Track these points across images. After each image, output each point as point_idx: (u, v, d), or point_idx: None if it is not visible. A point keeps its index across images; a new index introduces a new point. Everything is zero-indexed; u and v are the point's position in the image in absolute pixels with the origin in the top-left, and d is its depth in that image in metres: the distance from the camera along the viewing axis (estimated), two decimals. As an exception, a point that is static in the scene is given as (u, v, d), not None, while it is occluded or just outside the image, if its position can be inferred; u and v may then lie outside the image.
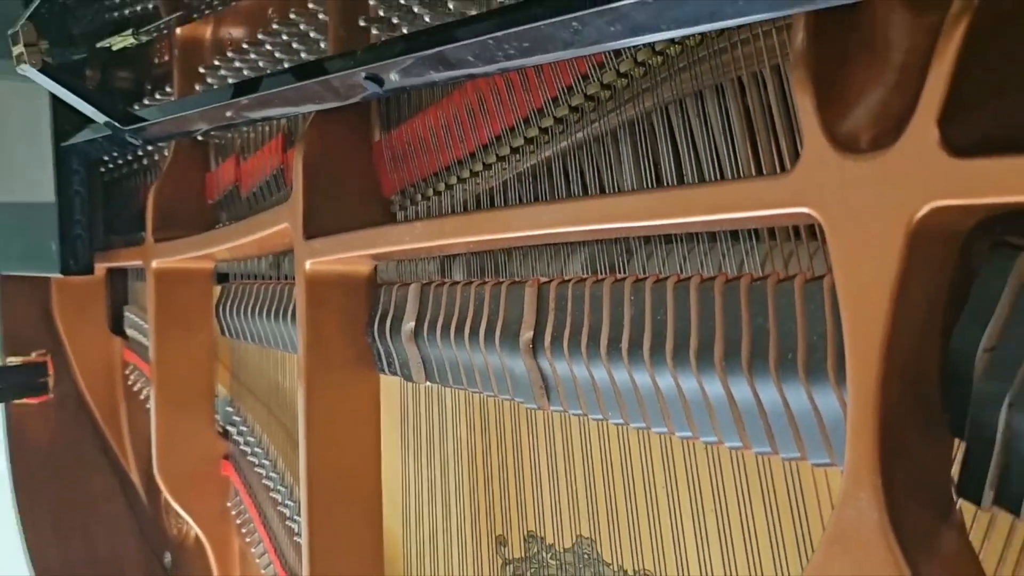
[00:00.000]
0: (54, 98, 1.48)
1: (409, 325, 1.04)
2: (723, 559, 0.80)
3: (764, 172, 0.69)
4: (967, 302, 0.56)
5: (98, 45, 1.38)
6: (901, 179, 0.55)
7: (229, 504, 1.58)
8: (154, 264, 1.49)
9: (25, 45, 1.26)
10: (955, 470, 0.58)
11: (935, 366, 0.58)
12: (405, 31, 1.00)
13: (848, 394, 0.59)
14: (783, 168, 0.66)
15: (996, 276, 0.55)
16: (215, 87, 1.37)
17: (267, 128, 1.34)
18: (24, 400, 1.92)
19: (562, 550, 0.98)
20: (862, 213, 0.57)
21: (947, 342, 0.57)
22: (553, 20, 0.67)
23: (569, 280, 0.85)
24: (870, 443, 0.57)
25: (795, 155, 0.63)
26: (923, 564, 0.57)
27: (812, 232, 0.65)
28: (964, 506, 0.59)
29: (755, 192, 0.63)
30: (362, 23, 1.05)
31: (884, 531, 0.56)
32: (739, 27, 0.69)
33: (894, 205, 0.55)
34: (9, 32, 1.28)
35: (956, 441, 0.59)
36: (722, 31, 0.72)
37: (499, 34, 0.72)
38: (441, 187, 1.04)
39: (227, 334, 1.49)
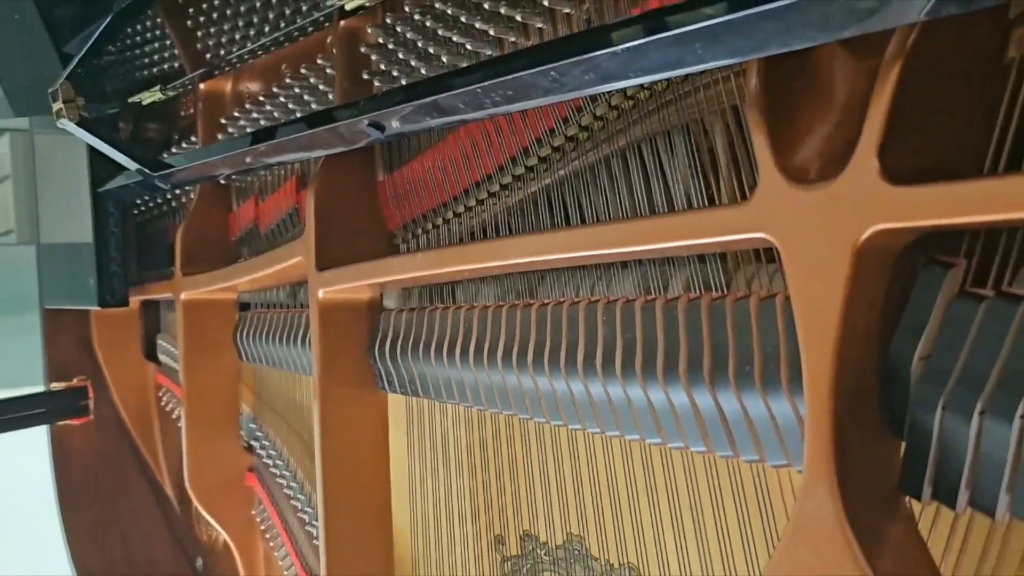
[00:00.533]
0: (91, 148, 1.48)
1: (408, 346, 1.04)
2: (698, 549, 0.79)
3: (727, 202, 0.70)
4: (903, 315, 0.56)
5: (130, 100, 1.39)
6: (846, 206, 0.55)
7: (254, 512, 1.57)
8: (183, 296, 1.49)
9: (64, 102, 1.26)
10: (903, 466, 0.58)
11: (877, 373, 0.57)
12: (404, 82, 1.01)
13: (803, 401, 0.59)
14: (743, 198, 0.66)
15: (928, 291, 0.55)
16: (235, 136, 1.37)
17: (282, 171, 1.34)
18: (67, 421, 1.91)
19: (554, 547, 0.97)
20: (813, 237, 0.57)
21: (886, 351, 0.57)
22: (534, 70, 0.67)
23: (548, 303, 0.85)
24: (825, 444, 0.56)
25: (753, 186, 0.63)
26: (875, 549, 0.56)
27: (770, 254, 0.66)
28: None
29: (718, 220, 0.63)
30: (365, 76, 1.06)
31: (840, 521, 0.56)
32: (700, 73, 0.70)
33: (841, 229, 0.55)
34: (49, 90, 1.28)
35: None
36: (685, 77, 0.72)
37: (487, 83, 0.73)
38: (439, 221, 1.04)
39: (244, 359, 1.48)
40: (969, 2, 0.44)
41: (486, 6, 0.89)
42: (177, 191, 1.62)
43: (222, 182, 1.49)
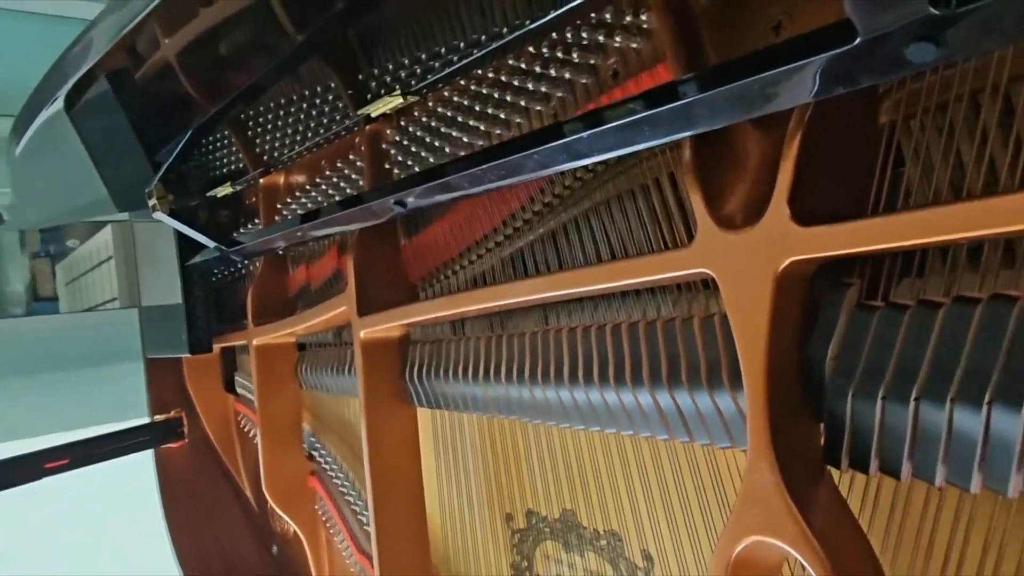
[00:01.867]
0: (178, 231, 1.47)
1: (431, 370, 1.03)
2: (666, 516, 0.78)
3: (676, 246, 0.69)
4: (816, 324, 0.56)
5: (208, 194, 1.38)
6: (766, 244, 0.54)
7: (316, 507, 1.53)
8: (255, 342, 1.46)
9: (158, 199, 1.26)
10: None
11: (799, 371, 0.57)
12: (417, 169, 1.00)
13: (742, 396, 0.58)
14: (689, 241, 0.66)
15: (835, 305, 0.55)
16: (289, 217, 1.36)
17: (326, 242, 1.33)
18: (168, 445, 1.87)
19: (553, 519, 0.95)
20: (742, 269, 0.56)
21: (805, 353, 0.56)
22: (522, 154, 0.67)
23: (538, 331, 0.84)
24: (764, 428, 0.55)
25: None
26: (809, 510, 0.55)
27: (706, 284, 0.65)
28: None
29: (669, 260, 0.63)
30: (387, 166, 1.06)
31: (780, 489, 0.55)
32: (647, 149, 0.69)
33: (763, 262, 0.54)
34: (145, 190, 1.27)
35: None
36: (624, 155, 0.72)
37: (484, 166, 0.72)
38: (449, 273, 1.03)
39: (304, 387, 1.46)
40: (848, 84, 0.44)
41: (476, 108, 0.89)
42: (246, 261, 1.60)
43: (280, 252, 1.48)
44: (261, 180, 1.42)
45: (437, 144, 0.96)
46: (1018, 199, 0.44)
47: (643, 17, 0.68)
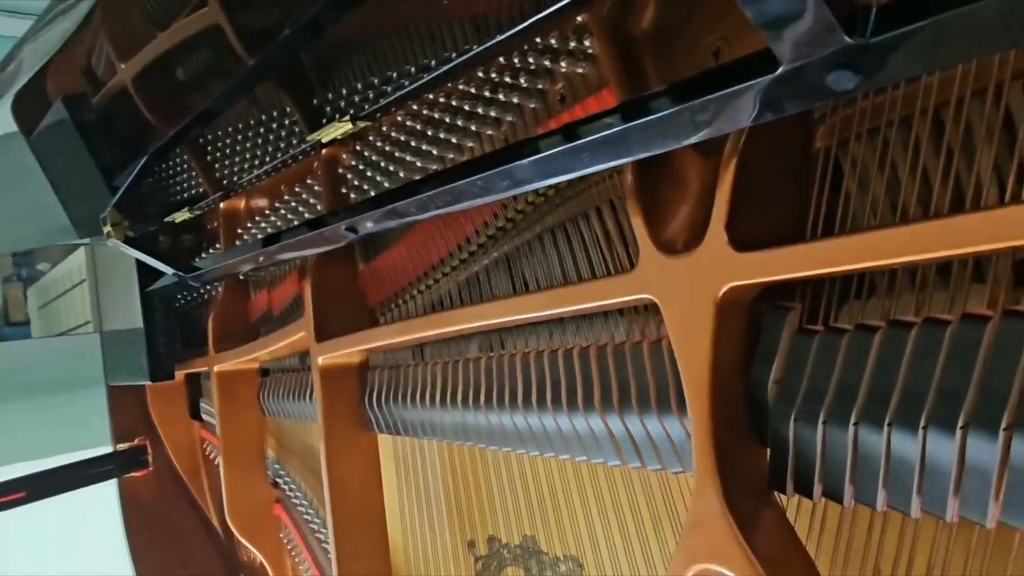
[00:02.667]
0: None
1: (390, 396, 1.01)
2: (623, 540, 0.77)
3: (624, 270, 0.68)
4: (758, 348, 0.55)
5: (165, 220, 1.35)
6: (706, 269, 0.54)
7: (281, 535, 1.50)
8: (216, 368, 1.44)
9: (112, 225, 1.23)
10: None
11: (743, 396, 0.56)
12: (372, 193, 0.99)
13: (689, 420, 0.57)
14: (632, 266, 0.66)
15: (775, 329, 0.54)
16: (249, 241, 1.34)
17: (287, 266, 1.31)
18: (131, 474, 1.83)
19: (514, 545, 0.94)
20: (683, 295, 0.56)
21: (749, 378, 0.56)
22: (465, 180, 0.66)
23: (493, 356, 0.83)
24: (708, 454, 0.55)
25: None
26: (754, 535, 0.54)
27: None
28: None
29: (613, 286, 0.62)
30: (343, 191, 1.05)
31: (725, 515, 0.54)
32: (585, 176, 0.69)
33: (704, 287, 0.54)
34: (100, 216, 1.25)
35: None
36: (584, 177, 0.71)
37: (431, 192, 0.72)
38: (408, 298, 1.02)
39: (266, 414, 1.43)
40: (775, 111, 0.44)
41: (429, 133, 0.88)
42: (208, 286, 1.58)
43: (241, 277, 1.45)
44: (222, 205, 1.40)
45: (392, 168, 0.95)
46: (952, 223, 0.44)
47: (587, 43, 0.68)
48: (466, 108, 0.83)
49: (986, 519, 0.44)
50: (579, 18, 0.68)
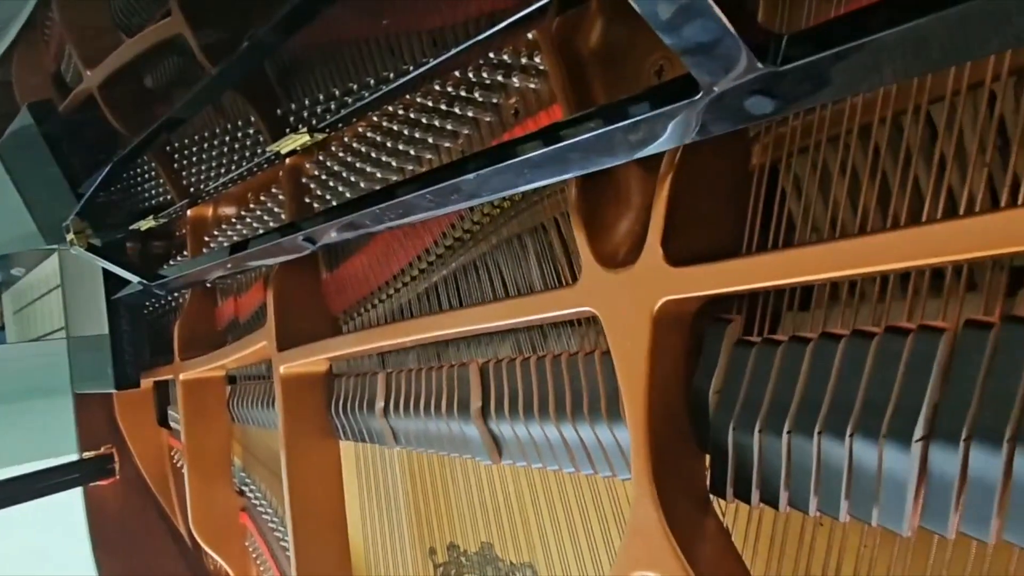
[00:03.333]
0: (104, 264, 1.43)
1: (354, 404, 1.02)
2: (572, 545, 0.78)
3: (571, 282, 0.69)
4: (699, 359, 0.57)
5: (130, 227, 1.35)
6: (643, 283, 0.55)
7: (247, 543, 1.49)
8: (181, 377, 1.43)
9: (75, 233, 1.23)
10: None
11: (685, 405, 0.57)
12: (334, 203, 1.00)
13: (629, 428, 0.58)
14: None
15: (715, 341, 0.56)
16: (216, 249, 1.34)
17: (253, 274, 1.31)
18: (98, 483, 1.81)
19: (472, 553, 0.95)
20: (622, 308, 0.57)
21: (691, 388, 0.57)
22: (415, 194, 0.67)
23: (455, 365, 0.84)
24: (645, 463, 0.56)
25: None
26: (692, 542, 0.56)
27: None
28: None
29: (556, 299, 0.63)
30: (307, 200, 1.05)
31: (661, 524, 0.55)
32: (537, 189, 0.70)
33: (641, 301, 0.55)
34: (63, 224, 1.24)
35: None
36: (534, 191, 0.73)
37: (384, 205, 0.73)
38: (369, 306, 1.02)
39: (235, 421, 1.43)
40: (701, 132, 0.45)
41: (389, 145, 0.89)
42: (176, 293, 1.57)
43: (208, 285, 1.45)
44: (189, 212, 1.40)
45: (353, 179, 0.96)
46: (884, 238, 0.44)
47: (538, 59, 0.69)
48: (424, 121, 0.84)
49: (903, 527, 0.46)
50: (529, 35, 0.69)
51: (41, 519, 1.97)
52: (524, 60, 0.71)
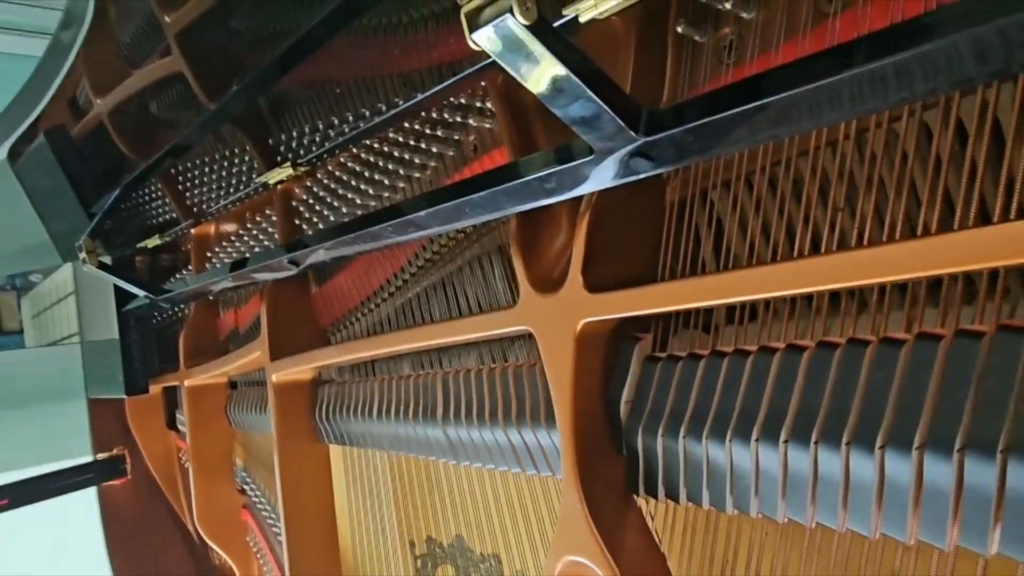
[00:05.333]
0: (115, 279, 1.52)
1: (338, 410, 1.10)
2: (528, 540, 0.85)
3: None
4: (614, 373, 0.64)
5: (138, 245, 1.43)
6: (567, 307, 0.63)
7: (248, 539, 1.58)
8: (186, 383, 1.52)
9: (86, 252, 1.31)
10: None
11: (604, 413, 0.65)
12: (321, 226, 1.08)
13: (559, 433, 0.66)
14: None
15: (627, 356, 0.63)
16: (218, 265, 1.42)
17: (252, 288, 1.39)
18: (110, 482, 1.90)
19: (447, 545, 1.02)
20: (552, 328, 0.65)
21: (607, 397, 0.65)
22: (379, 226, 0.75)
23: (419, 375, 0.92)
24: (572, 462, 0.63)
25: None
26: (612, 532, 0.63)
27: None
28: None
29: (499, 319, 0.71)
30: (296, 221, 1.14)
31: (586, 517, 0.62)
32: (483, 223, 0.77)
33: (566, 322, 0.63)
34: (75, 244, 1.33)
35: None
36: (484, 224, 0.80)
37: (352, 235, 0.80)
38: (353, 320, 1.10)
39: (232, 425, 1.51)
40: (601, 183, 0.53)
41: (366, 175, 0.97)
42: (181, 305, 1.65)
43: (211, 298, 1.53)
44: (193, 231, 1.48)
45: (335, 204, 1.05)
46: (769, 269, 0.52)
47: (490, 103, 0.78)
48: (396, 154, 0.93)
49: (777, 515, 0.53)
50: (482, 83, 0.77)
51: (58, 517, 2.06)
52: (479, 104, 0.80)
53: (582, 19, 0.51)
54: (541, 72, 0.43)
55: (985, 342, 0.43)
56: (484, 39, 0.43)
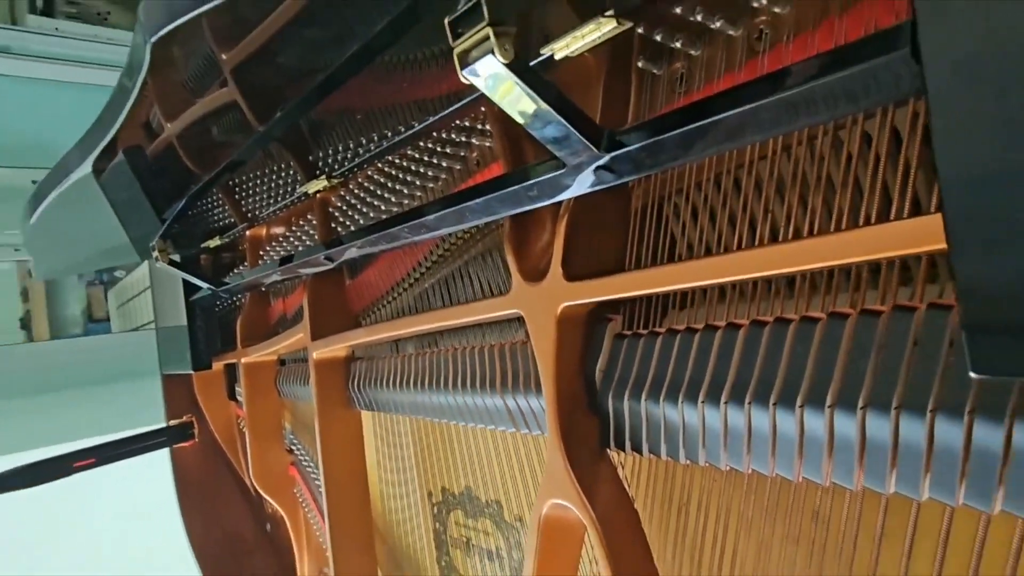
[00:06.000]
0: (184, 274, 1.55)
1: (366, 381, 1.13)
2: (524, 488, 0.88)
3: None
4: (589, 348, 0.67)
5: (202, 245, 1.47)
6: (550, 294, 0.66)
7: (296, 492, 1.62)
8: (243, 360, 1.55)
9: (159, 251, 1.35)
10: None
11: (582, 381, 0.67)
12: (352, 228, 1.11)
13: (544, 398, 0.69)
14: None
15: (600, 334, 0.66)
16: (268, 262, 1.46)
17: (296, 281, 1.43)
18: (181, 445, 1.94)
19: (459, 494, 1.05)
20: (538, 311, 0.67)
21: (584, 369, 0.67)
22: (396, 228, 0.78)
23: (433, 352, 0.95)
24: (555, 423, 0.66)
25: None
26: (588, 480, 0.66)
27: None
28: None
29: (496, 304, 0.73)
30: (333, 225, 1.17)
31: (566, 467, 0.65)
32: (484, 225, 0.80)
33: (549, 306, 0.66)
34: (149, 245, 1.37)
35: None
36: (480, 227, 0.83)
37: (379, 234, 0.83)
38: (380, 307, 1.13)
39: (280, 396, 1.55)
40: (574, 191, 0.55)
41: (390, 185, 1.00)
42: (238, 296, 1.70)
43: (263, 289, 1.57)
44: (247, 233, 1.52)
45: (365, 210, 1.08)
46: (715, 260, 0.54)
47: (487, 126, 0.80)
48: (413, 168, 0.96)
49: (720, 464, 0.56)
50: (482, 108, 0.80)
51: (137, 474, 2.11)
52: (479, 126, 0.82)
53: (557, 57, 0.53)
54: (519, 102, 0.46)
55: (918, 316, 0.44)
56: (472, 75, 0.45)
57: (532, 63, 0.49)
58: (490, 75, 0.44)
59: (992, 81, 0.30)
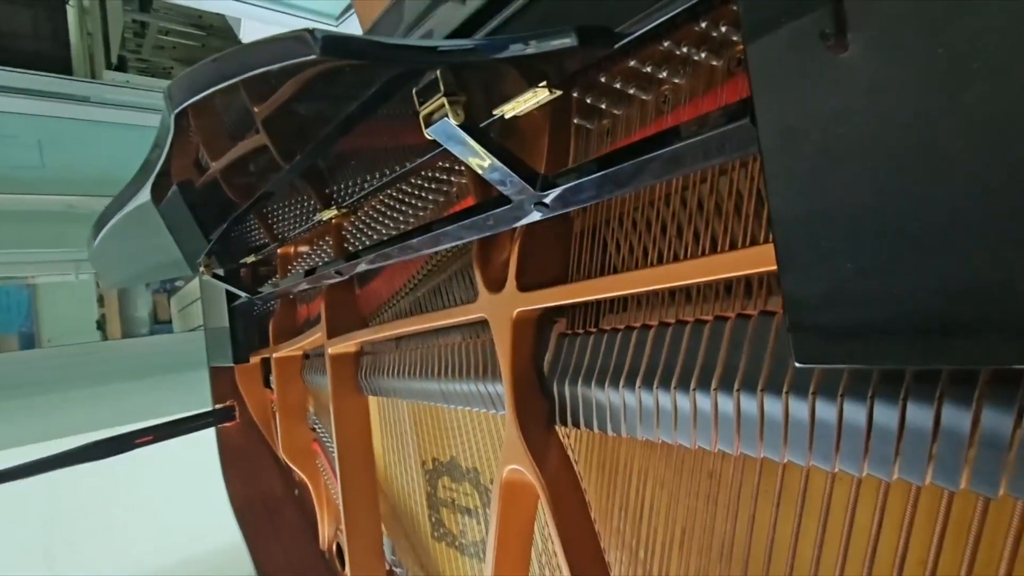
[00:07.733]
0: (225, 284, 1.57)
1: (373, 372, 1.15)
2: (492, 452, 0.90)
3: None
4: (539, 344, 0.69)
5: (240, 261, 1.49)
6: (507, 301, 0.68)
7: (317, 462, 1.63)
8: (275, 355, 1.57)
9: (204, 266, 1.37)
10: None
11: (534, 370, 0.70)
12: (360, 248, 1.14)
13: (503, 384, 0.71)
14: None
15: (547, 333, 0.68)
16: (295, 274, 1.48)
17: (317, 290, 1.44)
18: (225, 424, 1.95)
19: (447, 462, 1.07)
20: (499, 315, 0.70)
21: (535, 361, 0.70)
22: (389, 248, 0.81)
23: (416, 348, 0.97)
24: (511, 403, 0.68)
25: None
26: (539, 450, 0.68)
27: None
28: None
29: (465, 310, 0.76)
30: (345, 245, 1.19)
31: (521, 439, 0.67)
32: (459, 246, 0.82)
33: (506, 311, 0.68)
34: (196, 261, 1.39)
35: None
36: (458, 247, 0.86)
37: (376, 252, 0.86)
38: (384, 311, 1.16)
39: (305, 384, 1.57)
40: (515, 223, 0.58)
41: (390, 213, 1.03)
42: (271, 302, 1.72)
43: (291, 296, 1.59)
44: (278, 251, 1.54)
45: (369, 233, 1.10)
46: (638, 274, 0.57)
47: (462, 167, 0.83)
48: (407, 200, 0.98)
49: (642, 436, 0.58)
50: (459, 153, 0.83)
51: (188, 450, 2.12)
52: (457, 167, 0.85)
53: (507, 116, 0.56)
54: (471, 152, 0.49)
55: (777, 318, 0.47)
56: (435, 133, 0.48)
57: (485, 123, 0.52)
58: (446, 133, 0.47)
59: (806, 142, 0.33)
